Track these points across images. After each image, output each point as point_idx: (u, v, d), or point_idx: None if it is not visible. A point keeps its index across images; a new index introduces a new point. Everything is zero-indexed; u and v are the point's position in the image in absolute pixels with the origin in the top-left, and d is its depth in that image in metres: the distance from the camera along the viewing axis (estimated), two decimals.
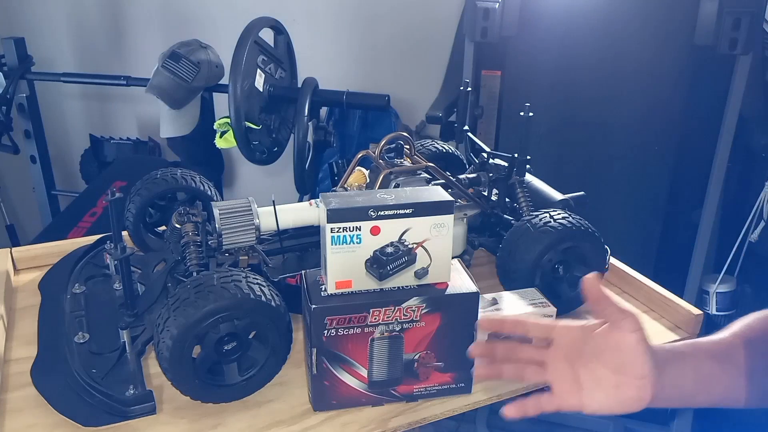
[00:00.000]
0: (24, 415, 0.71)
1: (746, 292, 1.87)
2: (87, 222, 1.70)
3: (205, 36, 1.84)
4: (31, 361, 0.77)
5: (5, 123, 1.97)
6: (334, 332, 0.68)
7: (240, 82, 1.44)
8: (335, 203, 0.66)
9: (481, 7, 1.74)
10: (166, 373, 0.69)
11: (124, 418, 0.70)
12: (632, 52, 1.75)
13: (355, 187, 0.93)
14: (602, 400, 0.63)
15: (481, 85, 1.92)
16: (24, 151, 2.09)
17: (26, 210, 2.44)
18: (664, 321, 0.92)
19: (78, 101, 2.52)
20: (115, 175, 1.93)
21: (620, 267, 1.00)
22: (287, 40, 1.63)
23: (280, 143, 1.63)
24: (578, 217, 0.87)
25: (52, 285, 0.92)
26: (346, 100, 1.60)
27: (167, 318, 0.67)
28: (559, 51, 1.81)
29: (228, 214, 0.80)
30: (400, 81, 2.30)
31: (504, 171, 0.97)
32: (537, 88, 1.85)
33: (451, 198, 0.70)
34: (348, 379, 0.71)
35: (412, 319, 0.69)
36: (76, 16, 2.41)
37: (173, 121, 1.78)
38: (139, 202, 0.92)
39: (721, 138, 1.69)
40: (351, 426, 0.71)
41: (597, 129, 1.84)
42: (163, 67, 1.69)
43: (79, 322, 0.82)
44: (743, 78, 1.63)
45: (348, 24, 2.31)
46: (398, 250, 0.68)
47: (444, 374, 0.73)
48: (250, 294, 0.68)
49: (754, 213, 1.73)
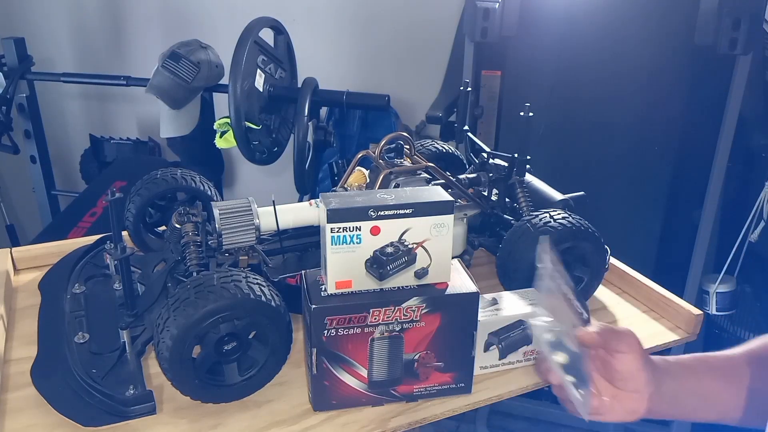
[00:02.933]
0: (24, 415, 0.70)
1: (746, 292, 1.86)
2: (87, 222, 1.70)
3: (205, 36, 1.84)
4: (31, 361, 0.77)
5: (5, 123, 1.97)
6: (334, 332, 0.68)
7: (240, 82, 1.44)
8: (335, 203, 0.66)
9: (481, 7, 1.74)
10: (166, 373, 0.69)
11: (124, 418, 0.70)
12: (632, 52, 1.75)
13: (355, 187, 0.93)
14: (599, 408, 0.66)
15: (481, 85, 1.92)
16: (24, 151, 2.09)
17: (26, 210, 2.44)
18: (664, 321, 0.92)
19: (78, 101, 2.52)
20: (115, 175, 1.93)
21: (620, 267, 1.00)
22: (287, 40, 1.63)
23: (280, 143, 1.63)
24: (578, 217, 0.87)
25: (52, 285, 0.92)
26: (346, 100, 1.61)
27: (167, 318, 0.67)
28: (559, 51, 1.81)
29: (228, 214, 0.80)
30: (400, 81, 2.30)
31: (504, 171, 0.97)
32: (537, 88, 1.85)
33: (451, 198, 0.70)
34: (348, 379, 0.71)
35: (412, 319, 0.69)
36: (76, 16, 2.41)
37: (173, 121, 1.78)
38: (139, 202, 0.92)
39: (721, 138, 1.68)
40: (351, 426, 0.71)
41: (597, 129, 1.84)
42: (163, 67, 1.69)
43: (79, 322, 0.82)
44: (743, 78, 1.62)
45: (348, 24, 2.31)
46: (398, 250, 0.68)
47: (444, 374, 0.73)
48: (250, 294, 0.68)
49: (754, 213, 1.73)
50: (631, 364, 0.65)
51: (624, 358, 0.65)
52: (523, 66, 1.86)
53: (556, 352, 0.66)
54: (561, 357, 0.66)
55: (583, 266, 0.89)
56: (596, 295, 0.94)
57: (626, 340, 0.65)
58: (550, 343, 0.67)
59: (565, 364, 0.65)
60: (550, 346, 0.66)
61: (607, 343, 0.66)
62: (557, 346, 0.66)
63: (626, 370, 0.65)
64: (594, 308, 0.94)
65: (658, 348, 0.87)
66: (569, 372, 0.65)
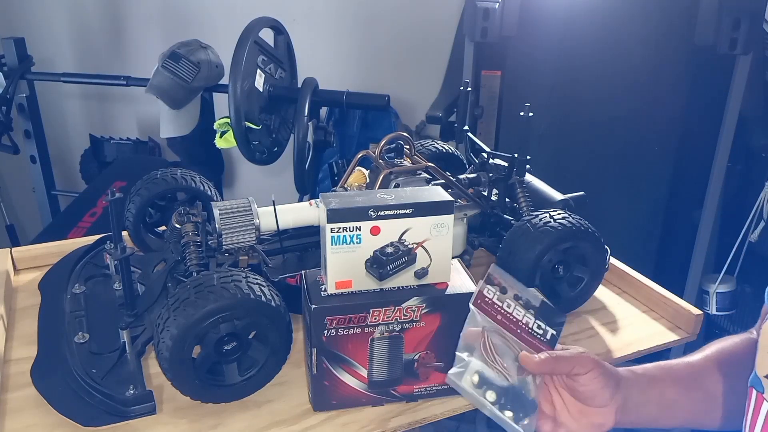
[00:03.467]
0: (24, 415, 0.71)
1: (746, 292, 1.86)
2: (87, 222, 1.70)
3: (205, 36, 1.84)
4: (31, 361, 0.77)
5: (5, 123, 1.97)
6: (334, 332, 0.68)
7: (240, 82, 1.44)
8: (335, 203, 0.66)
9: (481, 7, 1.74)
10: (166, 373, 0.69)
11: (124, 418, 0.70)
12: (632, 52, 1.75)
13: (355, 187, 0.93)
14: (570, 423, 0.67)
15: (481, 85, 1.93)
16: (24, 151, 2.09)
17: (26, 210, 2.44)
18: (664, 321, 0.92)
19: (78, 101, 2.52)
20: (115, 175, 1.93)
21: (620, 267, 1.00)
22: (287, 40, 1.63)
23: (280, 143, 1.63)
24: (578, 217, 0.87)
25: (52, 285, 0.92)
26: (346, 100, 1.60)
27: (167, 318, 0.67)
28: (559, 51, 1.81)
29: (228, 214, 0.80)
30: (400, 81, 2.30)
31: (504, 171, 0.97)
32: (537, 88, 1.85)
33: (451, 198, 0.70)
34: (348, 379, 0.71)
35: (412, 319, 0.69)
36: (76, 16, 2.41)
37: (173, 121, 1.78)
38: (139, 202, 0.92)
39: (721, 138, 1.69)
40: (351, 426, 0.71)
41: (597, 129, 1.84)
42: (163, 67, 1.69)
43: (79, 322, 0.82)
44: (743, 78, 1.63)
45: (348, 24, 2.31)
46: (398, 250, 0.68)
47: (444, 374, 0.73)
48: (250, 294, 0.68)
49: (754, 213, 1.73)
50: (592, 383, 0.65)
51: (582, 379, 0.65)
52: (523, 66, 1.86)
53: (485, 392, 0.66)
54: (490, 395, 0.66)
55: (583, 266, 0.89)
56: (596, 295, 0.94)
57: (579, 362, 0.65)
58: (475, 385, 0.66)
59: (496, 401, 0.65)
60: (476, 387, 0.66)
61: (557, 369, 0.66)
62: (485, 384, 0.66)
63: (588, 389, 0.66)
64: (594, 308, 0.94)
65: (658, 348, 0.87)
66: (505, 407, 0.65)
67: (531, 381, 0.67)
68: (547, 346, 0.68)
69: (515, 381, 0.66)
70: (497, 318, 0.68)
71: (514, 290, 0.71)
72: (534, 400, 0.66)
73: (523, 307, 0.70)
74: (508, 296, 0.70)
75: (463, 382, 0.66)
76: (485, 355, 0.67)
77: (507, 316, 0.69)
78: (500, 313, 0.69)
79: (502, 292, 0.70)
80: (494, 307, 0.69)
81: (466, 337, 0.68)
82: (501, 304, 0.69)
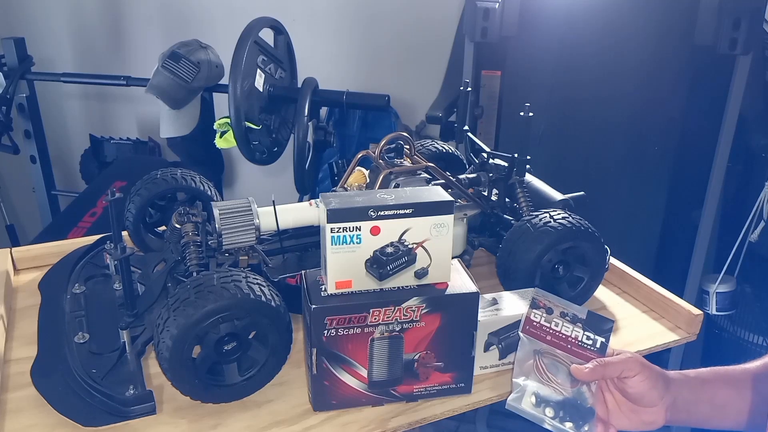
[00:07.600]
0: (24, 415, 0.70)
1: (746, 292, 1.87)
2: (87, 222, 1.70)
3: (205, 36, 1.84)
4: (31, 361, 0.77)
5: (5, 123, 1.97)
6: (334, 332, 0.68)
7: (240, 82, 1.44)
8: (335, 203, 0.66)
9: (481, 7, 1.74)
10: (166, 373, 0.69)
11: (124, 418, 0.70)
12: (632, 52, 1.75)
13: (355, 187, 0.93)
14: (624, 421, 0.73)
15: (481, 85, 1.92)
16: (24, 151, 2.09)
17: (26, 210, 2.44)
18: (664, 321, 0.92)
19: (78, 101, 2.52)
20: (115, 175, 1.93)
21: (620, 267, 1.00)
22: (287, 40, 1.63)
23: (280, 143, 1.63)
24: (578, 217, 0.87)
25: (52, 285, 0.92)
26: (346, 100, 1.60)
27: (167, 318, 0.67)
28: (559, 51, 1.81)
29: (228, 214, 0.80)
30: (400, 81, 2.30)
31: (504, 171, 0.97)
32: (537, 88, 1.85)
33: (451, 198, 0.70)
34: (348, 379, 0.71)
35: (412, 319, 0.69)
36: (76, 16, 2.41)
37: (173, 121, 1.78)
38: (139, 202, 0.92)
39: (721, 138, 1.69)
40: (351, 426, 0.71)
41: (597, 129, 1.84)
42: (163, 67, 1.69)
43: (79, 322, 0.82)
44: (743, 78, 1.63)
45: (348, 24, 2.31)
46: (398, 250, 0.68)
47: (444, 374, 0.73)
48: (250, 294, 0.68)
49: (754, 213, 1.73)
50: (640, 385, 0.70)
51: (631, 381, 0.70)
52: (523, 66, 1.86)
53: (543, 409, 0.71)
54: (549, 412, 0.70)
55: (583, 266, 0.89)
56: (596, 295, 0.94)
57: (627, 366, 0.70)
58: (534, 405, 0.71)
59: (555, 416, 0.70)
60: (534, 406, 0.71)
61: (606, 374, 0.70)
62: (542, 402, 0.71)
63: (637, 391, 0.70)
64: (594, 308, 0.94)
65: (658, 348, 0.87)
66: (564, 419, 0.70)
67: (587, 389, 0.72)
68: (598, 354, 0.72)
69: (570, 393, 0.71)
70: (546, 339, 0.73)
71: (559, 308, 0.75)
72: (591, 408, 0.71)
73: (570, 322, 0.74)
74: (554, 315, 0.75)
75: (522, 404, 0.71)
76: (539, 375, 0.72)
77: (556, 334, 0.74)
78: (549, 333, 0.74)
79: (548, 312, 0.75)
80: (542, 329, 0.74)
81: (520, 363, 0.73)
82: (549, 324, 0.74)
